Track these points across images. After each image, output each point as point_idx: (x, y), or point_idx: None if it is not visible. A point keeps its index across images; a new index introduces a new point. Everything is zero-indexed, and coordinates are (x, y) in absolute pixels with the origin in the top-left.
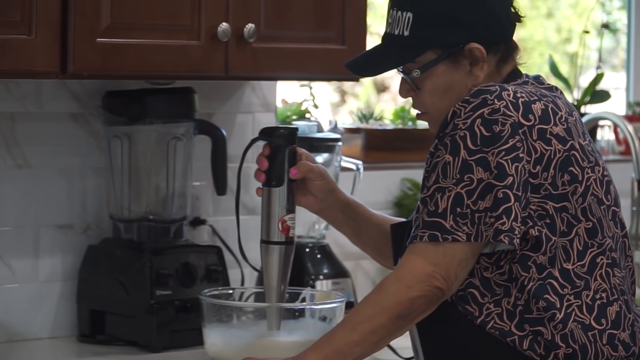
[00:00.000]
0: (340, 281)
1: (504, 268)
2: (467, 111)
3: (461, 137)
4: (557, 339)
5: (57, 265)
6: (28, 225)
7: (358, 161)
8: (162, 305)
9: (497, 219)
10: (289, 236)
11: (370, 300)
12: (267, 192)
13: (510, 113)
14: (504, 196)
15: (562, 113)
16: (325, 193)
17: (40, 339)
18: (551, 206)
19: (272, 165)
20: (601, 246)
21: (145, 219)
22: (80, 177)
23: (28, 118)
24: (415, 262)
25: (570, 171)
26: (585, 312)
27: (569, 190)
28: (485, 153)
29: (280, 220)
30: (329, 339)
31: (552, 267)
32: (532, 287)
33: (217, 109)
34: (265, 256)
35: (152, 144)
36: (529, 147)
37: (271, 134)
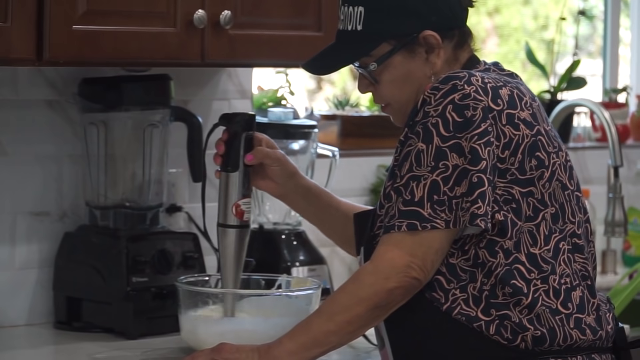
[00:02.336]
0: (316, 268)
1: (469, 253)
2: (437, 98)
3: (433, 124)
4: (525, 322)
5: (34, 252)
6: (4, 213)
7: (334, 148)
8: (139, 292)
9: (472, 204)
10: (243, 220)
11: (347, 290)
12: (224, 177)
13: (481, 97)
14: (478, 180)
15: (527, 98)
16: (285, 178)
17: (16, 326)
18: (517, 191)
19: (229, 150)
20: (562, 232)
21: (121, 206)
22: (56, 165)
23: (4, 105)
24: (393, 253)
25: (537, 156)
26: (552, 297)
27: (535, 175)
28: (459, 139)
29: (234, 205)
30: (305, 328)
31: (519, 252)
32: (499, 273)
33: (193, 95)
34: (221, 239)
35: (128, 131)
36: (498, 132)
37: (230, 120)
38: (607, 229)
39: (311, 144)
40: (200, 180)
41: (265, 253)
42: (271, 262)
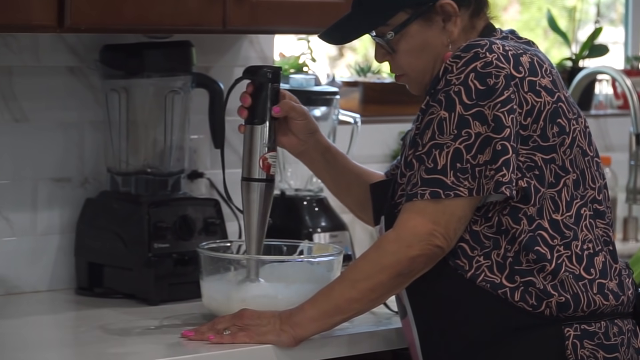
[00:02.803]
0: (338, 234)
1: (492, 220)
2: (459, 66)
3: (456, 93)
4: (549, 289)
5: (55, 218)
6: (26, 179)
7: (356, 114)
8: (160, 258)
9: (497, 172)
10: (270, 174)
11: (369, 258)
12: (250, 130)
13: (503, 65)
14: (502, 148)
15: (547, 66)
16: (307, 134)
17: (38, 292)
18: (539, 158)
19: (255, 102)
20: (583, 198)
21: (143, 172)
22: (77, 131)
23: (25, 72)
24: (415, 221)
25: (559, 123)
26: (575, 263)
27: (557, 141)
28: (482, 107)
29: (261, 158)
30: (327, 295)
31: (542, 219)
32: (523, 239)
33: (214, 62)
34: (245, 194)
35: (150, 98)
36: (520, 99)
37: (255, 72)
38: (629, 196)
39: (333, 110)
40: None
41: (287, 219)
42: (293, 229)
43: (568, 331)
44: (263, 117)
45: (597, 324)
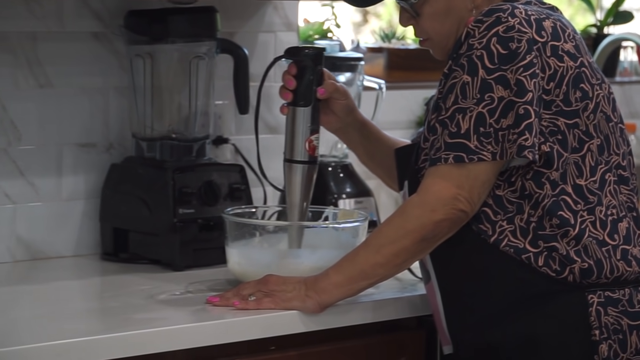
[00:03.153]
0: (363, 200)
1: (515, 185)
2: (481, 30)
3: (478, 57)
4: (572, 254)
5: (80, 183)
6: (51, 144)
7: (380, 80)
8: (185, 224)
9: (519, 135)
10: (314, 155)
11: (394, 223)
12: (293, 111)
13: (525, 30)
14: (525, 112)
15: (569, 31)
16: (346, 112)
17: (63, 257)
18: (562, 122)
19: (300, 84)
20: (608, 163)
21: (167, 138)
22: (102, 96)
23: (50, 37)
24: (439, 186)
25: (582, 87)
26: (599, 228)
27: (580, 106)
28: (504, 71)
29: (307, 140)
30: (351, 260)
31: (565, 184)
32: (546, 204)
33: (239, 28)
34: (288, 175)
35: (175, 63)
36: (543, 64)
37: (298, 54)
38: None
39: (358, 76)
40: (246, 112)
41: None
42: (318, 195)
43: (592, 298)
44: (309, 99)
45: (621, 291)
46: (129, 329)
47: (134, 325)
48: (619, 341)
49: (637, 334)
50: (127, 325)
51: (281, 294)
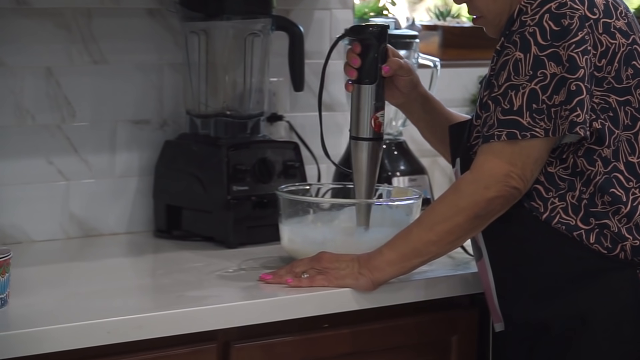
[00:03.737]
0: (417, 178)
1: (567, 162)
2: (534, 7)
3: (530, 34)
4: (624, 232)
5: (134, 160)
6: (105, 121)
7: (435, 58)
8: (239, 201)
9: (571, 112)
10: (380, 132)
11: (447, 200)
12: (358, 89)
13: (577, 6)
14: (576, 89)
15: (622, 8)
16: (410, 87)
17: (116, 234)
18: (614, 99)
19: (365, 62)
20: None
21: (222, 115)
22: (157, 73)
23: (104, 13)
24: (492, 162)
25: (634, 65)
26: None
27: (632, 83)
28: (557, 47)
29: (372, 117)
30: (405, 238)
31: (617, 161)
32: (598, 181)
33: (294, 5)
34: (354, 152)
35: (230, 40)
36: (595, 40)
37: (362, 32)
38: None
39: (412, 54)
40: (301, 90)
41: None
42: None
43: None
44: (374, 76)
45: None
46: (181, 306)
47: (186, 302)
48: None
49: None
50: (179, 302)
51: (334, 272)
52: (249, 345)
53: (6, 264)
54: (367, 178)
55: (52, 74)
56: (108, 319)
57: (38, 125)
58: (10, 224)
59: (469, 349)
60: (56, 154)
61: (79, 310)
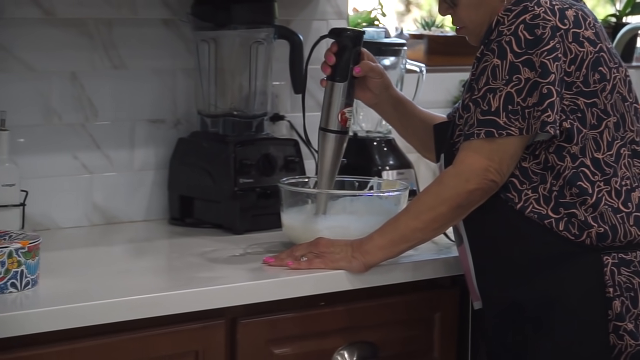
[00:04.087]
0: (404, 171)
1: (540, 158)
2: (510, 18)
3: (507, 42)
4: (590, 220)
5: (151, 155)
6: (124, 120)
7: (421, 64)
8: (245, 192)
9: (542, 112)
10: (345, 127)
11: (431, 191)
12: (331, 85)
13: (549, 18)
14: (547, 92)
15: (590, 19)
16: (381, 89)
17: (135, 222)
18: (582, 102)
19: (339, 61)
20: (623, 139)
21: (229, 115)
22: (171, 77)
23: (124, 23)
24: (473, 158)
25: (600, 70)
26: (614, 197)
27: (598, 87)
28: (530, 54)
29: (340, 112)
30: (393, 225)
31: (584, 157)
32: (567, 175)
33: (294, 16)
34: (322, 142)
35: (236, 48)
36: (565, 49)
37: (340, 34)
38: None
39: (401, 60)
40: (301, 92)
41: (358, 158)
42: (364, 166)
43: (607, 259)
44: (344, 75)
45: (633, 253)
46: (193, 286)
47: (198, 282)
48: (631, 298)
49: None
50: (191, 282)
51: (330, 255)
52: (254, 321)
53: (36, 248)
54: (330, 168)
55: (76, 77)
56: (128, 297)
57: (64, 124)
58: (40, 212)
59: (451, 325)
60: (81, 150)
61: (101, 289)
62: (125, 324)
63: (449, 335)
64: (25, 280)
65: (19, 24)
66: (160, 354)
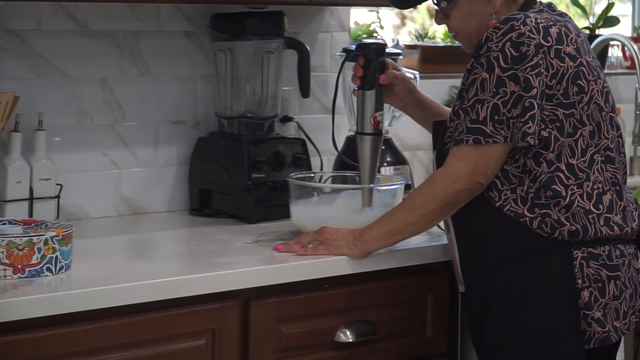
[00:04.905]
0: (400, 168)
1: (519, 162)
2: (498, 36)
3: (495, 58)
4: (562, 219)
5: (173, 153)
6: (149, 121)
7: (415, 71)
8: (257, 186)
9: (524, 124)
10: (378, 129)
11: (423, 191)
12: (362, 94)
13: (534, 36)
14: (529, 105)
15: (573, 35)
16: (406, 94)
17: (159, 212)
18: (561, 112)
19: (366, 73)
20: (597, 146)
21: (244, 117)
22: (191, 83)
23: (150, 35)
24: (461, 162)
25: (579, 84)
26: (586, 199)
27: (576, 99)
28: (516, 70)
29: (372, 117)
30: (389, 219)
31: (560, 162)
32: (543, 179)
33: (302, 28)
34: (360, 145)
35: (250, 57)
36: (547, 64)
37: (365, 48)
38: (634, 139)
39: None
40: (307, 96)
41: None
42: None
43: (576, 253)
44: (372, 84)
45: (602, 248)
46: (210, 270)
47: (215, 267)
48: (599, 289)
49: (614, 283)
50: (209, 267)
51: (333, 242)
52: (265, 302)
53: (69, 236)
54: (370, 166)
55: (106, 83)
56: (152, 280)
57: (95, 124)
58: (73, 203)
59: (442, 306)
60: (110, 148)
61: (128, 273)
62: (149, 304)
63: (441, 315)
64: (59, 265)
65: (55, 35)
66: (180, 332)
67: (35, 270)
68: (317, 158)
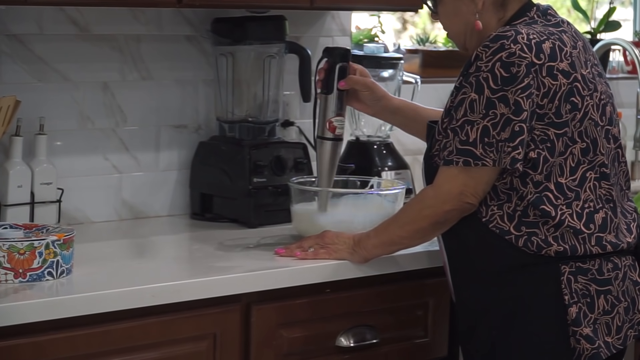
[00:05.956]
0: (402, 172)
1: (506, 179)
2: (487, 55)
3: (484, 79)
4: (550, 239)
5: (174, 157)
6: (151, 125)
7: (416, 76)
8: (259, 190)
9: (514, 149)
10: (336, 134)
11: (414, 207)
12: (322, 98)
13: (525, 55)
14: (519, 129)
15: (567, 48)
16: (374, 101)
17: (160, 216)
18: (552, 132)
19: (327, 77)
20: (591, 162)
21: (245, 121)
22: (193, 87)
23: (151, 39)
24: (450, 184)
25: (572, 101)
26: (576, 219)
27: (569, 117)
28: (506, 92)
29: (328, 121)
30: (385, 230)
31: (548, 182)
32: (530, 198)
33: (303, 33)
34: (318, 149)
35: (251, 61)
36: (538, 83)
37: (330, 53)
38: (636, 144)
39: (398, 72)
40: (309, 101)
41: (360, 160)
42: (365, 167)
43: (564, 268)
44: (330, 88)
45: (591, 262)
46: (211, 274)
47: (216, 271)
48: (587, 304)
49: (604, 298)
50: (210, 271)
51: (334, 247)
52: (267, 306)
53: (71, 240)
54: (327, 171)
55: (108, 87)
56: (153, 284)
57: (97, 128)
58: (74, 208)
59: (443, 310)
60: (111, 152)
61: (129, 277)
62: (151, 308)
63: (442, 320)
64: (60, 269)
65: (57, 39)
66: (181, 336)
67: (37, 274)
68: None
